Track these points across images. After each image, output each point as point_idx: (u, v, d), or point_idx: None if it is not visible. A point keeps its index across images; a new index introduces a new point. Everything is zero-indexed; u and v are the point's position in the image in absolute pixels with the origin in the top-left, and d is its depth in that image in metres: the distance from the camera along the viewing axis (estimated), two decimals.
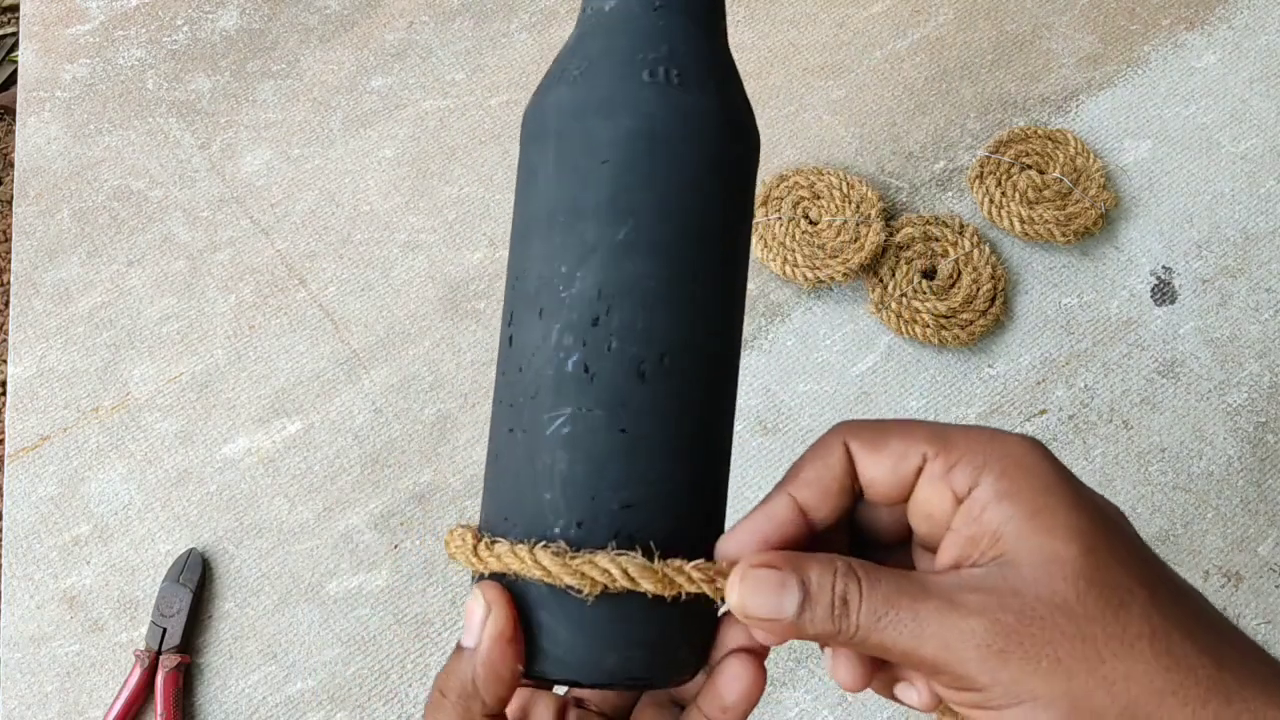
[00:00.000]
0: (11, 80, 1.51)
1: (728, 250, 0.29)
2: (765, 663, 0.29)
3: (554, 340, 0.27)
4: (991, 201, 0.70)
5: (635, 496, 0.27)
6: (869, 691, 0.29)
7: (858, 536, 0.30)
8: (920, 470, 0.27)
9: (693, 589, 0.26)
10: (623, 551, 0.26)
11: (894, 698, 0.28)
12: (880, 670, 0.28)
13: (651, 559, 0.26)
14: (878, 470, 0.27)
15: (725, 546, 0.28)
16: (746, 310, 0.68)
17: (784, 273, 0.67)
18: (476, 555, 0.27)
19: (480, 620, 0.26)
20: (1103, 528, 0.25)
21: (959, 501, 0.26)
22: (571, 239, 0.28)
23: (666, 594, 0.26)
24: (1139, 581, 0.24)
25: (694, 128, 0.28)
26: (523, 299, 0.28)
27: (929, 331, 0.65)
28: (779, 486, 0.28)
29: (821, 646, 0.27)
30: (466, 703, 0.26)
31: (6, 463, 0.64)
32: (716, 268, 0.28)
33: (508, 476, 0.28)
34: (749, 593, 0.26)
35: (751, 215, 0.31)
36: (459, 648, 0.27)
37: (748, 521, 0.28)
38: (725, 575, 0.27)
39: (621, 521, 0.27)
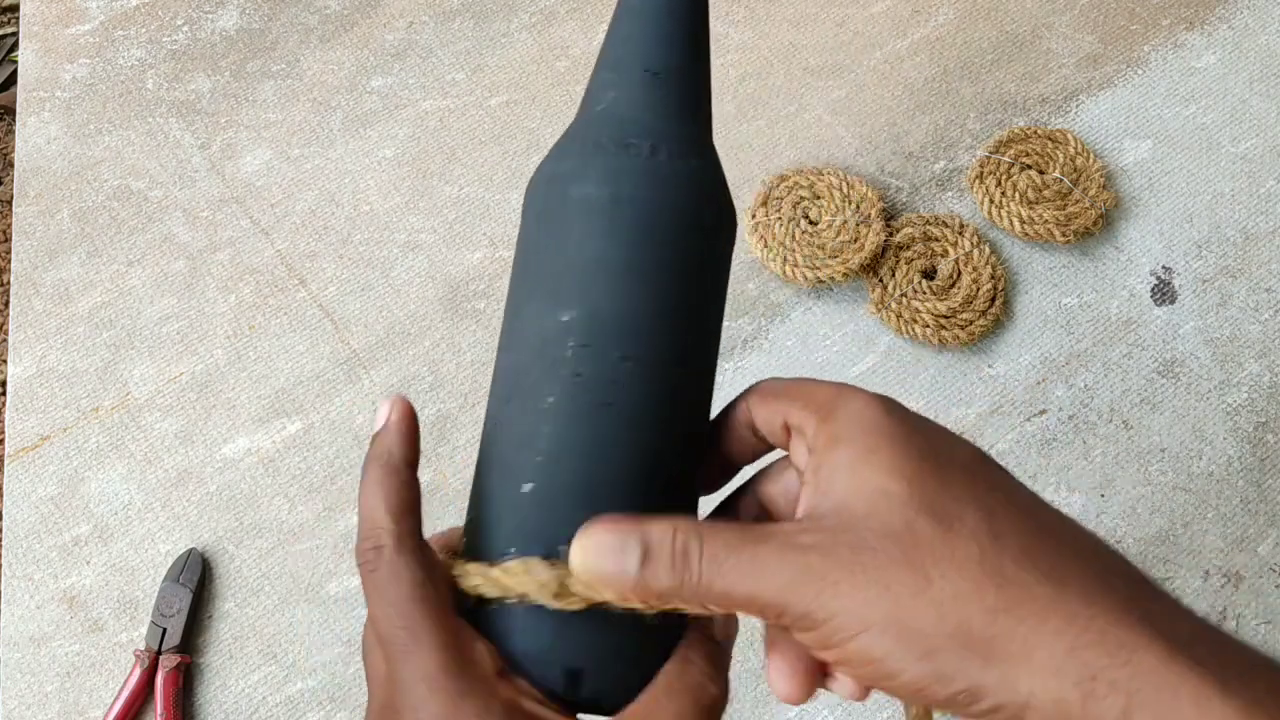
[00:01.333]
0: (11, 80, 1.51)
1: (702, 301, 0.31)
2: (756, 662, 0.29)
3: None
4: (991, 201, 0.70)
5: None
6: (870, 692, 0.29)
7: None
8: (787, 425, 0.29)
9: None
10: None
11: (827, 688, 0.29)
12: (816, 672, 0.29)
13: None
14: (760, 422, 0.30)
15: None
16: (747, 310, 0.68)
17: (784, 273, 0.67)
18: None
19: (385, 412, 0.30)
20: (932, 461, 0.26)
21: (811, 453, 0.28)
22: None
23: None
24: (972, 507, 0.25)
25: (673, 192, 0.30)
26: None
27: (929, 331, 0.65)
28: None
29: (666, 607, 0.27)
30: (387, 462, 0.29)
31: (6, 463, 0.64)
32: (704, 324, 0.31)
33: (482, 496, 0.31)
34: (591, 552, 0.26)
35: (724, 290, 0.33)
36: (371, 437, 0.30)
37: None
38: None
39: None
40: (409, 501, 0.29)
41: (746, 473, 0.33)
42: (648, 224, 0.29)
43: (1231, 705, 0.22)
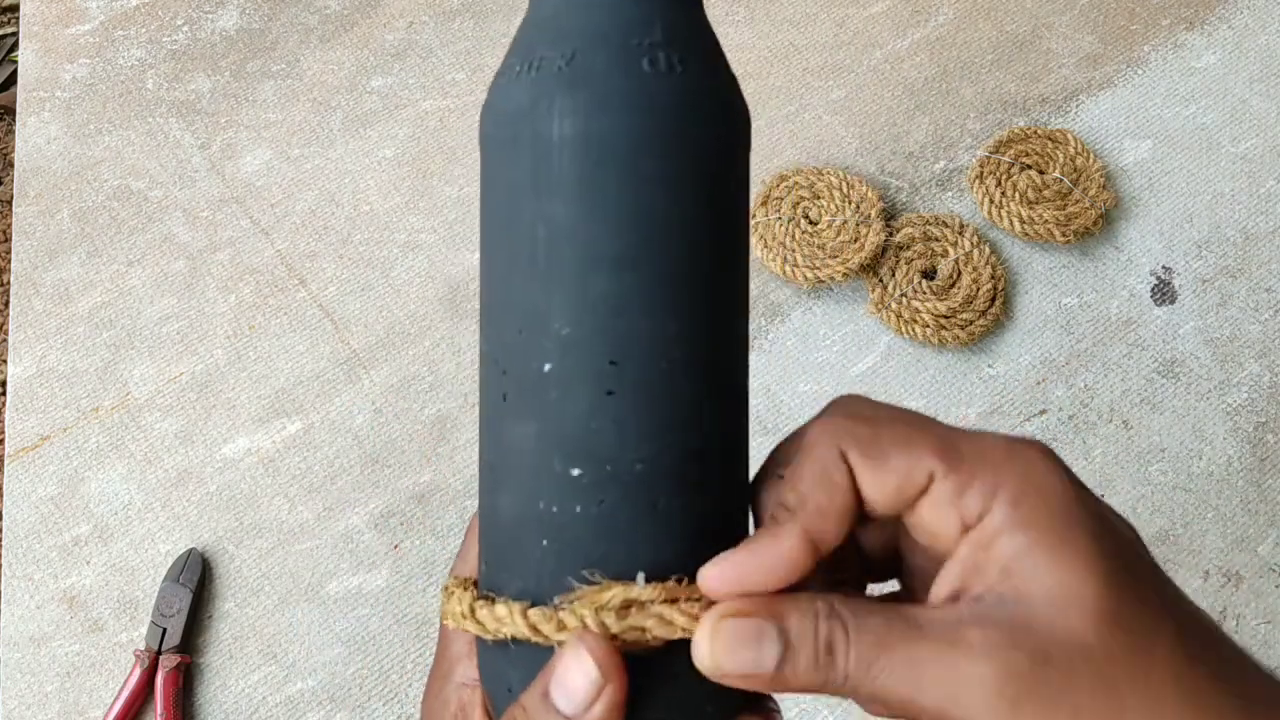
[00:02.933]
0: (11, 80, 1.51)
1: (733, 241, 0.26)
2: None
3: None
4: (991, 201, 0.70)
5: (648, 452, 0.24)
6: None
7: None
8: (925, 488, 0.23)
9: (666, 631, 0.23)
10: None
11: None
12: None
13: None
14: (879, 490, 0.24)
15: (715, 578, 0.24)
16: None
17: (784, 273, 0.67)
18: (475, 618, 0.25)
19: (589, 690, 0.23)
20: (1124, 560, 0.22)
21: (967, 528, 0.23)
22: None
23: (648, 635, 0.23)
24: (1164, 618, 0.22)
25: (703, 113, 0.24)
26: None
27: (929, 331, 0.65)
28: (785, 515, 0.24)
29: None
30: None
31: (6, 463, 0.64)
32: (724, 260, 0.26)
33: (499, 530, 0.25)
34: (722, 649, 0.22)
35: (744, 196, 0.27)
36: (547, 703, 0.23)
37: (749, 554, 0.24)
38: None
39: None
40: None
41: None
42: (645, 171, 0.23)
43: None
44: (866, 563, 0.28)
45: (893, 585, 0.29)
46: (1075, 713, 0.21)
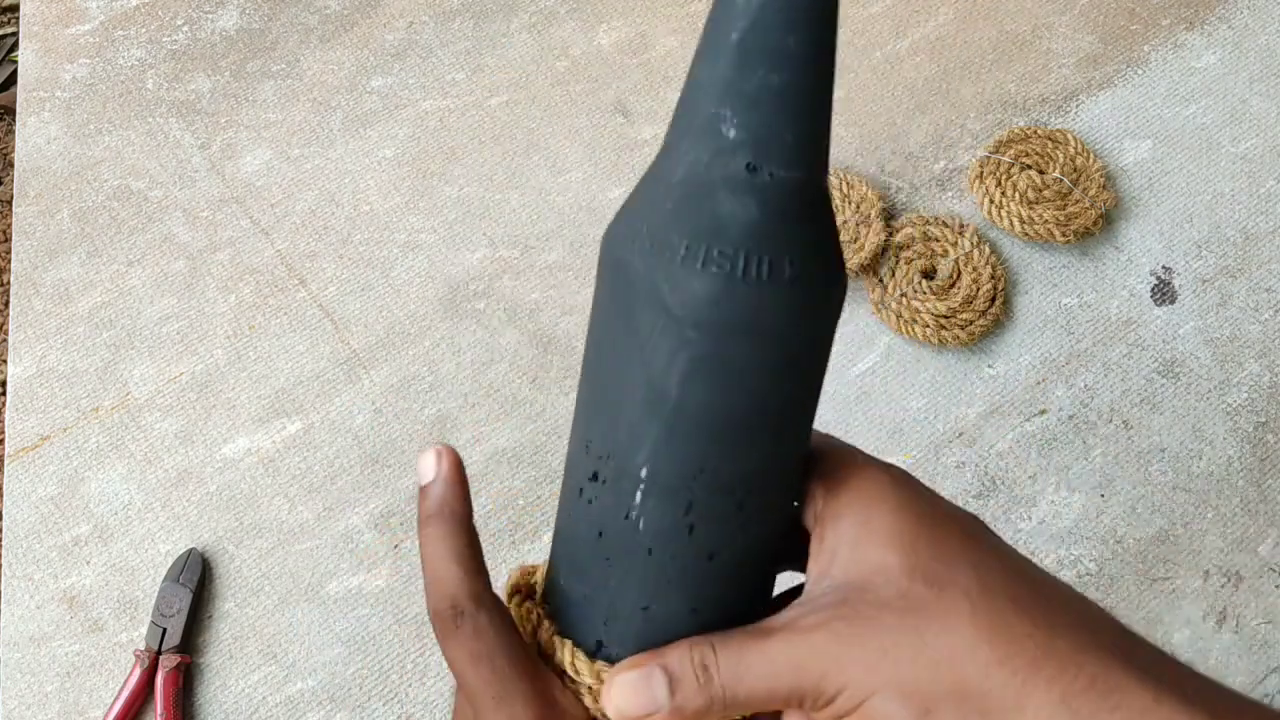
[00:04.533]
0: (11, 80, 1.51)
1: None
2: None
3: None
4: (991, 201, 0.70)
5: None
6: None
7: None
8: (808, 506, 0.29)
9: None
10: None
11: None
12: None
13: None
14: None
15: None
16: None
17: None
18: (536, 632, 0.29)
19: (433, 463, 0.30)
20: (928, 526, 0.26)
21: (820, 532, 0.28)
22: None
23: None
24: (965, 566, 0.25)
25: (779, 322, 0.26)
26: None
27: (929, 331, 0.65)
28: None
29: None
30: (449, 516, 0.29)
31: (6, 463, 0.64)
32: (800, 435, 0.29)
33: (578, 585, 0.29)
34: (622, 697, 0.27)
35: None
36: (421, 490, 0.30)
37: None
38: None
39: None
40: (478, 556, 0.29)
41: None
42: (761, 378, 0.26)
43: None
44: None
45: None
46: (883, 654, 0.25)
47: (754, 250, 0.25)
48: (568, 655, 0.28)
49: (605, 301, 0.27)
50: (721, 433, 0.26)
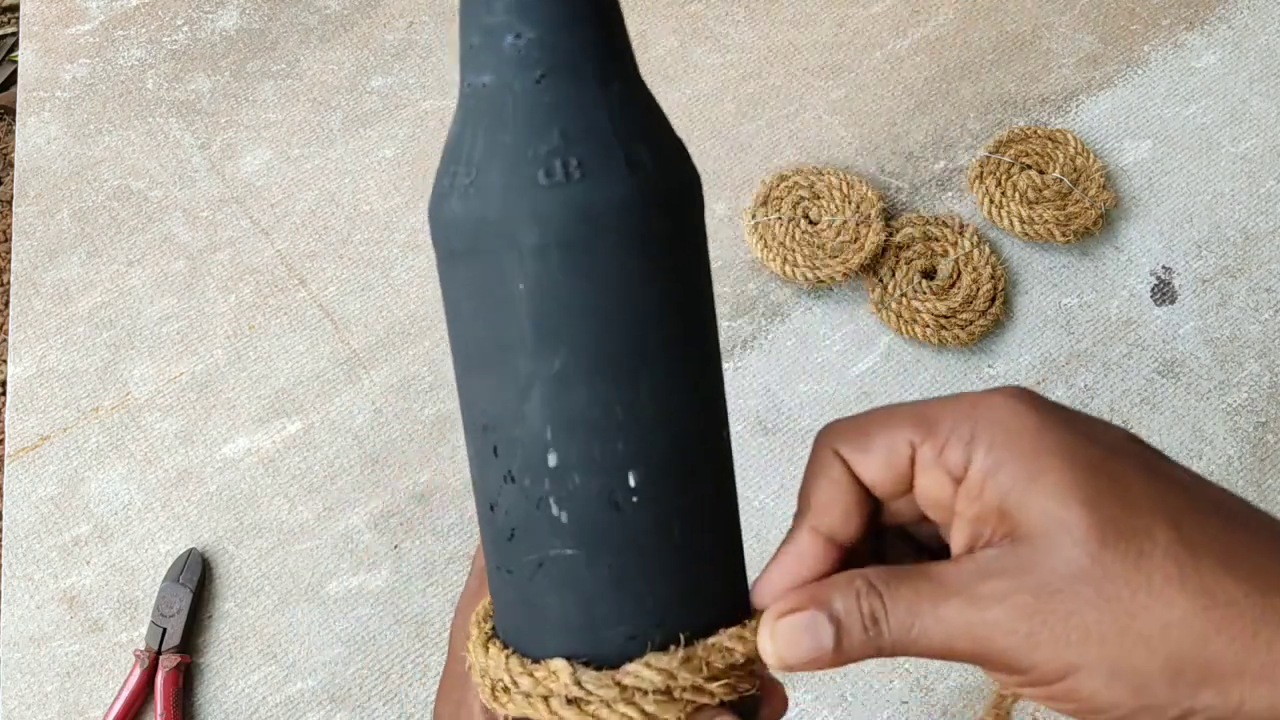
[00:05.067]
0: (11, 80, 1.51)
1: (681, 333, 0.26)
2: None
3: (515, 481, 0.25)
4: (991, 201, 0.70)
5: (637, 628, 0.25)
6: (869, 691, 0.29)
7: (885, 533, 0.29)
8: (913, 460, 0.26)
9: (733, 657, 0.26)
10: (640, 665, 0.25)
11: None
12: None
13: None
14: (873, 471, 0.26)
15: (761, 595, 0.27)
16: (747, 310, 0.68)
17: (784, 273, 0.67)
18: (508, 674, 0.26)
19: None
20: (1106, 475, 0.24)
21: (957, 482, 0.25)
22: (507, 375, 0.25)
23: (708, 687, 0.25)
24: (1158, 520, 0.23)
25: (608, 224, 0.24)
26: (476, 435, 0.26)
27: (929, 331, 0.65)
28: (797, 520, 0.27)
29: None
30: None
31: (6, 463, 0.64)
32: (673, 361, 0.25)
33: (510, 610, 0.27)
34: (784, 645, 0.25)
35: (706, 272, 0.27)
36: None
37: (776, 565, 0.27)
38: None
39: (631, 653, 0.25)
40: None
41: None
42: (600, 266, 0.24)
43: None
44: (919, 545, 0.30)
45: None
46: (1086, 633, 0.23)
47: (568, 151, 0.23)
48: (479, 655, 0.27)
49: (447, 276, 0.26)
50: (603, 366, 0.24)
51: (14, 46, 1.53)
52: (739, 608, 0.27)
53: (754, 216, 0.70)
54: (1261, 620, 0.22)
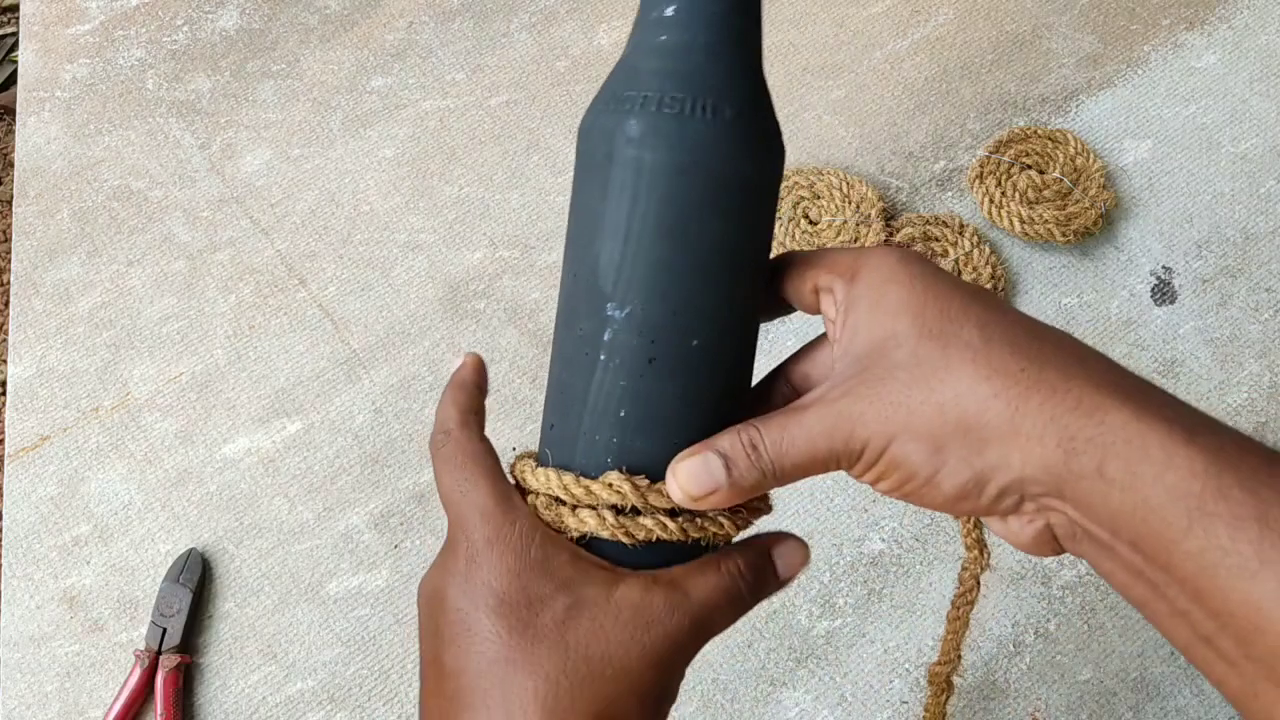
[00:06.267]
0: (11, 80, 1.51)
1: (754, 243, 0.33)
2: (765, 664, 0.31)
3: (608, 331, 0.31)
4: (991, 201, 0.70)
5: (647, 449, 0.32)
6: (868, 691, 0.30)
7: None
8: (816, 290, 0.33)
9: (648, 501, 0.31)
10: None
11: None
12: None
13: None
14: (791, 293, 0.34)
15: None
16: None
17: None
18: (564, 489, 0.32)
19: (462, 362, 0.37)
20: (934, 297, 0.29)
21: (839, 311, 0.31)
22: (623, 252, 0.31)
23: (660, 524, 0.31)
24: (969, 324, 0.28)
25: (725, 156, 0.30)
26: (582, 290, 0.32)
27: None
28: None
29: (755, 500, 0.33)
30: (461, 380, 0.36)
31: (6, 463, 0.64)
32: (741, 279, 0.32)
33: (566, 441, 0.33)
34: (684, 480, 0.30)
35: (769, 215, 0.33)
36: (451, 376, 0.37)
37: None
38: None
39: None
40: (475, 404, 0.35)
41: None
42: (710, 198, 0.30)
43: (1196, 449, 0.25)
44: None
45: None
46: (899, 405, 0.28)
47: (698, 93, 0.30)
48: (524, 470, 0.33)
49: (580, 168, 0.32)
50: (677, 266, 0.30)
51: (14, 46, 1.53)
52: None
53: None
54: (1034, 387, 0.27)
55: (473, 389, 0.36)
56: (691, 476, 0.30)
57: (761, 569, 0.33)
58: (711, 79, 0.30)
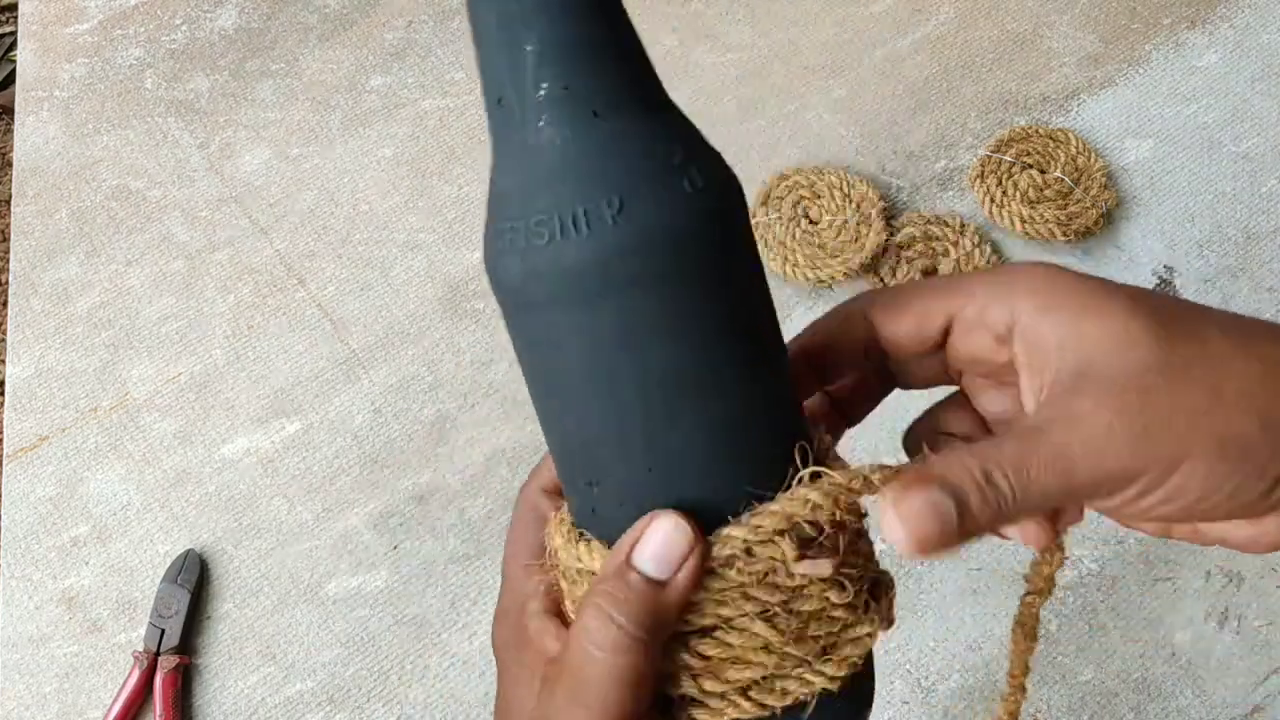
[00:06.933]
0: (10, 79, 1.51)
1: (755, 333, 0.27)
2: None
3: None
4: (992, 201, 0.69)
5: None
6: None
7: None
8: (946, 326, 0.28)
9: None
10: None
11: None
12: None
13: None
14: (902, 331, 0.28)
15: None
16: None
17: (784, 273, 0.67)
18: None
19: (683, 553, 0.25)
20: (1145, 300, 0.26)
21: (1001, 340, 0.27)
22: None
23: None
24: (1205, 321, 0.25)
25: (675, 250, 0.24)
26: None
27: None
28: (792, 341, 0.29)
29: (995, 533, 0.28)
30: (653, 635, 0.25)
31: (5, 463, 0.63)
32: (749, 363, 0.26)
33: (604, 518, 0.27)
34: (915, 527, 0.24)
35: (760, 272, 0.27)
36: (629, 568, 0.25)
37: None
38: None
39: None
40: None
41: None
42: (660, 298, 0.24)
43: None
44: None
45: None
46: (1187, 415, 0.24)
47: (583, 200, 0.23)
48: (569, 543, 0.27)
49: (529, 326, 0.26)
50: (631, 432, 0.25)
51: (12, 46, 1.53)
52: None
53: (754, 216, 0.69)
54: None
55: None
56: (923, 524, 0.24)
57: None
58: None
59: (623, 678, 0.24)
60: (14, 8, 1.55)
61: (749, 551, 0.25)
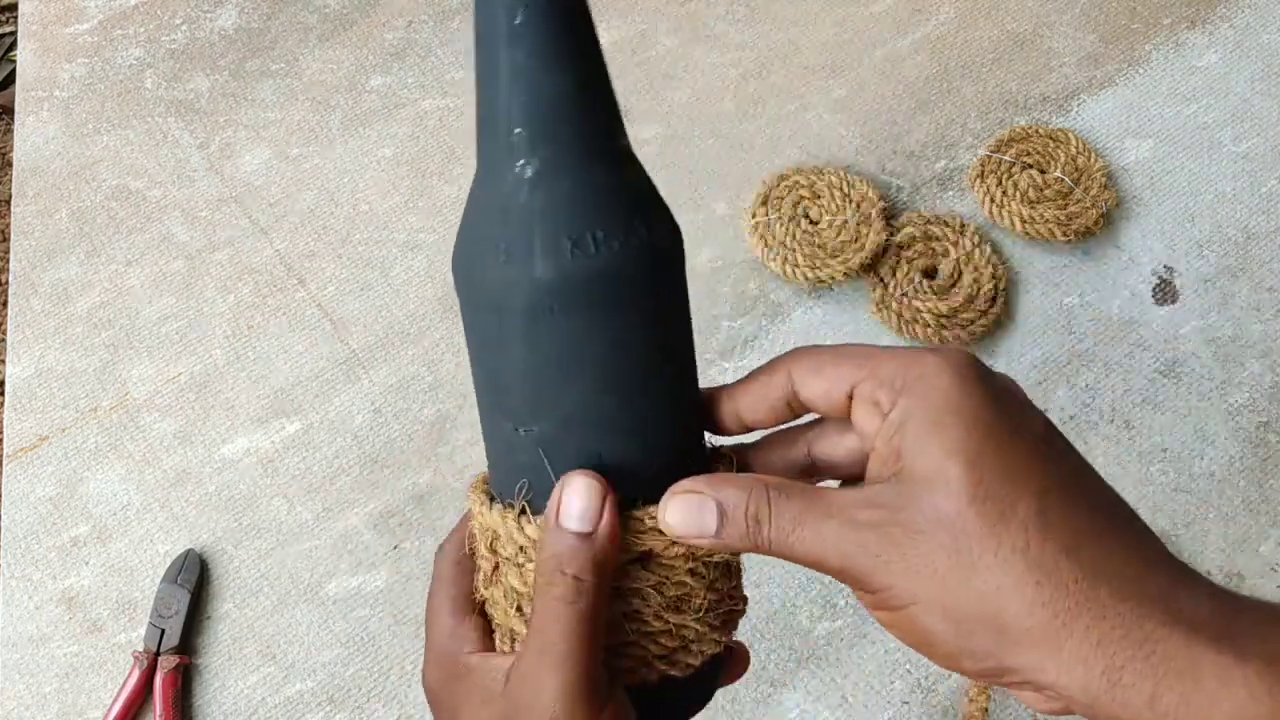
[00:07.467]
0: (10, 79, 1.51)
1: (677, 363, 0.31)
2: (765, 665, 0.31)
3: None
4: (992, 201, 0.69)
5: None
6: (869, 691, 0.30)
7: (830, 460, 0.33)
8: (851, 394, 0.29)
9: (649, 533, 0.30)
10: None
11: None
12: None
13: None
14: (814, 393, 0.30)
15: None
16: (747, 310, 0.68)
17: (784, 273, 0.67)
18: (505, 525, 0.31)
19: (599, 503, 0.29)
20: (994, 443, 0.26)
21: (882, 417, 0.29)
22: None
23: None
24: (1026, 494, 0.26)
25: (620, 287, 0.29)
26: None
27: (929, 331, 0.65)
28: (720, 389, 0.32)
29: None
30: (599, 578, 0.29)
31: (5, 463, 0.63)
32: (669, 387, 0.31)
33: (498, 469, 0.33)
34: (674, 514, 0.28)
35: (687, 316, 0.32)
36: (561, 529, 0.28)
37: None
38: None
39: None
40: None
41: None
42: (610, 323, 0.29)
43: (1250, 669, 0.23)
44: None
45: None
46: (934, 573, 0.26)
47: (588, 226, 0.28)
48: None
49: (475, 318, 0.31)
50: (611, 394, 0.29)
51: (12, 46, 1.53)
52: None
53: (754, 216, 0.69)
54: (1084, 607, 0.25)
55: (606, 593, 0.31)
56: (682, 514, 0.28)
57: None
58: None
59: (583, 619, 0.28)
60: (14, 8, 1.55)
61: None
